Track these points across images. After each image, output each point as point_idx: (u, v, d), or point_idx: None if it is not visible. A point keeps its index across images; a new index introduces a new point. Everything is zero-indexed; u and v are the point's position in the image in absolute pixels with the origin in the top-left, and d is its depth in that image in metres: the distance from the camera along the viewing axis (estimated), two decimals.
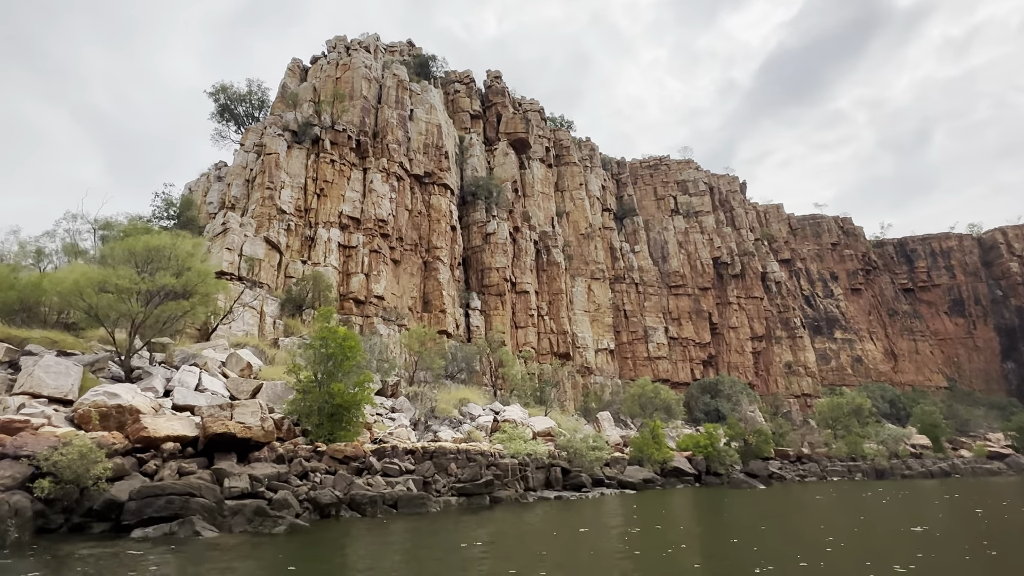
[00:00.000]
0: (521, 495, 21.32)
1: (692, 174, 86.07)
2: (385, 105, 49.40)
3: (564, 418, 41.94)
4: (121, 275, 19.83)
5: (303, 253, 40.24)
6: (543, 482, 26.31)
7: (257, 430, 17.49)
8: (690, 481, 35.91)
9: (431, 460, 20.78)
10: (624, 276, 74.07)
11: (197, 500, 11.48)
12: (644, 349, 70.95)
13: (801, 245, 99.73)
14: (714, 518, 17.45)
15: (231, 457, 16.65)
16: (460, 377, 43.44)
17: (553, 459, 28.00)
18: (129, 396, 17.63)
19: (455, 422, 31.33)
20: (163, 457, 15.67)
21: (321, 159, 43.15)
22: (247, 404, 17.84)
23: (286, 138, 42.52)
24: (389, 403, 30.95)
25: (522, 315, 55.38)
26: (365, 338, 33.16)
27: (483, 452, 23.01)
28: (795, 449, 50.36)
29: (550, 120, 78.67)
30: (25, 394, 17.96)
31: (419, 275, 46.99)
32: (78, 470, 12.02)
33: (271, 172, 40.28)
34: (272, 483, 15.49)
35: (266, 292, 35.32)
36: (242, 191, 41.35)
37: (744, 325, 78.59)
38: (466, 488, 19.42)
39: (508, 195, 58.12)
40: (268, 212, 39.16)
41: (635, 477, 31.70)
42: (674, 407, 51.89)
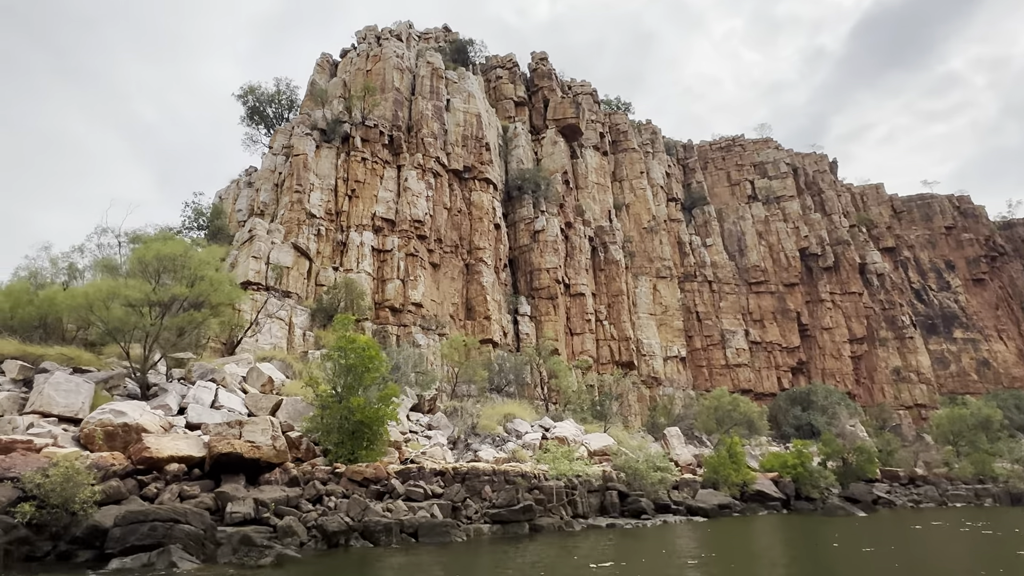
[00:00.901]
0: (566, 523, 20.31)
1: (771, 154, 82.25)
2: (419, 96, 49.80)
3: (626, 435, 40.48)
4: (131, 286, 20.42)
5: (334, 259, 40.86)
6: (597, 508, 25.18)
7: (268, 450, 17.41)
8: (776, 507, 33.73)
9: (463, 483, 20.13)
10: (695, 273, 71.47)
11: (182, 527, 11.29)
12: (721, 356, 68.10)
13: (907, 230, 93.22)
14: (808, 556, 15.85)
15: (239, 479, 16.60)
16: (508, 390, 42.84)
17: (609, 481, 26.85)
18: (136, 414, 17.99)
19: (499, 440, 30.69)
20: (166, 479, 15.78)
21: (352, 158, 43.82)
22: (257, 422, 17.83)
23: (314, 138, 43.48)
24: (425, 420, 30.72)
25: (578, 320, 54.24)
26: (400, 349, 33.12)
27: (524, 474, 22.15)
28: (907, 469, 46.68)
29: (604, 103, 77.31)
30: (35, 413, 18.69)
31: (460, 279, 46.82)
32: (64, 494, 12.11)
33: (299, 174, 41.22)
34: (280, 508, 15.28)
35: (295, 302, 35.99)
36: (271, 196, 42.53)
37: (840, 326, 74.03)
38: (500, 514, 18.64)
39: (558, 188, 57.26)
40: (297, 217, 40.04)
41: (708, 502, 29.98)
42: (757, 421, 49.24)
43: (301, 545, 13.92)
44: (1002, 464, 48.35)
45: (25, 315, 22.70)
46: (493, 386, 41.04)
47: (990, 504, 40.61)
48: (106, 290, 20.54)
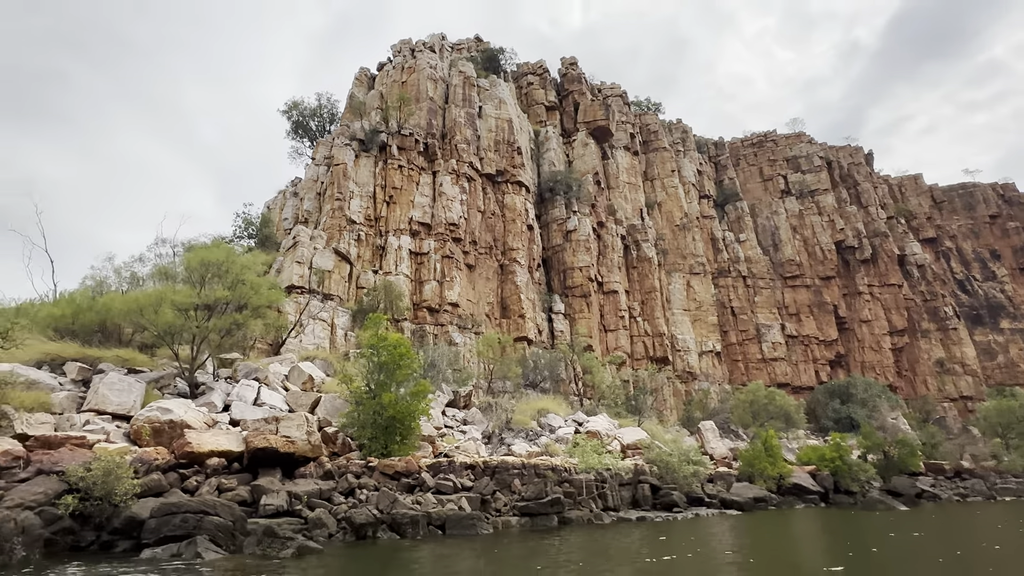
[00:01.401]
0: (596, 515, 19.70)
1: (804, 148, 79.28)
2: (452, 104, 49.82)
3: (660, 429, 39.42)
4: (178, 291, 20.82)
5: (374, 263, 41.14)
6: (628, 501, 24.48)
7: (303, 444, 17.40)
8: (814, 500, 32.26)
9: (492, 476, 19.77)
10: (729, 269, 69.38)
11: (211, 519, 11.25)
12: (757, 350, 65.86)
13: (949, 220, 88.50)
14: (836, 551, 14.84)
15: (275, 473, 16.62)
16: (543, 386, 42.30)
17: (641, 475, 26.07)
18: (181, 412, 18.27)
19: (532, 435, 30.23)
20: (207, 473, 15.91)
21: (389, 166, 44.10)
22: (292, 418, 17.87)
23: (353, 148, 43.92)
24: (461, 415, 30.49)
25: (611, 317, 53.27)
26: (436, 347, 33.03)
27: (554, 467, 21.65)
28: (952, 463, 44.13)
29: (635, 104, 75.91)
30: (92, 411, 19.20)
31: (495, 279, 46.57)
32: (106, 487, 12.26)
33: (339, 183, 41.69)
34: (312, 501, 15.21)
35: (336, 304, 36.33)
36: (314, 204, 43.17)
37: (879, 318, 70.68)
38: (529, 507, 18.19)
39: (589, 188, 56.45)
40: (338, 223, 40.48)
41: (743, 496, 28.85)
42: (794, 415, 47.29)
43: (330, 536, 13.78)
44: None
45: (85, 320, 23.42)
46: (528, 382, 40.59)
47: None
48: (155, 295, 21.01)
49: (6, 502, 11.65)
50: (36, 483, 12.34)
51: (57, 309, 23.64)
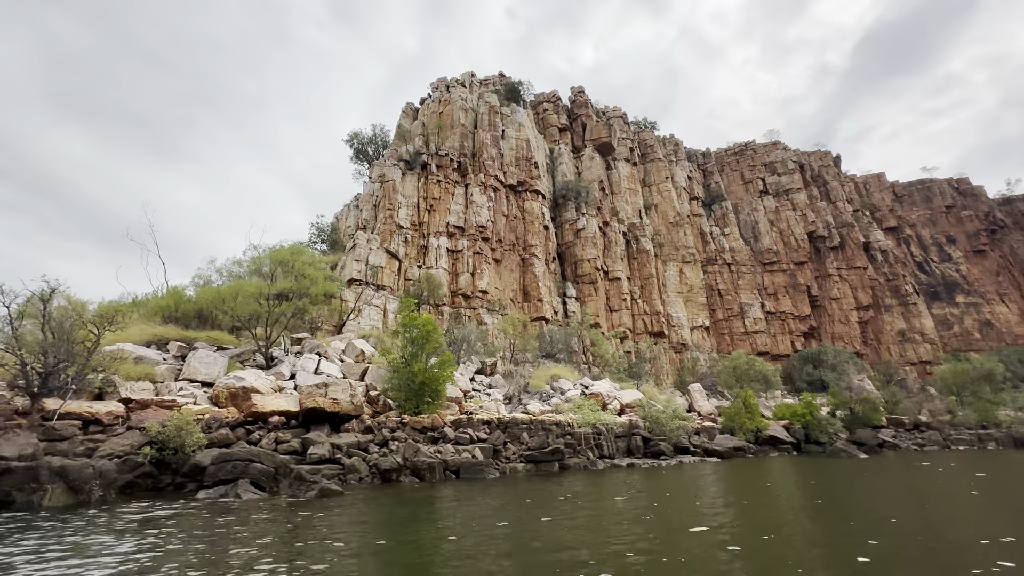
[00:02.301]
0: (591, 462, 18.93)
1: (780, 154, 75.51)
2: (480, 129, 49.08)
3: (656, 391, 38.19)
4: (251, 284, 20.86)
5: (419, 259, 40.98)
6: (624, 450, 23.61)
7: (346, 405, 17.20)
8: (787, 450, 30.69)
9: (505, 430, 19.22)
10: (716, 258, 66.82)
11: (255, 466, 11.03)
12: (741, 324, 63.34)
13: (909, 212, 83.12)
14: (780, 485, 13.75)
15: (323, 428, 16.47)
16: (558, 357, 41.46)
17: (635, 429, 25.13)
18: (252, 379, 18.28)
19: (545, 396, 29.52)
20: (269, 428, 15.85)
21: (429, 181, 43.79)
22: (339, 383, 17.66)
23: (400, 167, 43.73)
24: (487, 380, 29.99)
25: (615, 299, 51.95)
26: (466, 326, 32.62)
27: (559, 423, 20.95)
28: (911, 417, 41.42)
29: (634, 123, 73.62)
30: (186, 380, 19.44)
31: (518, 270, 45.88)
32: (179, 440, 12.21)
33: (390, 196, 41.59)
34: (351, 450, 14.96)
35: (388, 293, 36.27)
36: (371, 214, 43.21)
37: (847, 296, 67.03)
38: (533, 455, 17.56)
39: (596, 194, 55.00)
40: (389, 228, 40.42)
41: (723, 445, 27.59)
42: (771, 378, 45.24)
43: (360, 480, 13.47)
44: (1005, 412, 42.14)
45: (185, 309, 23.77)
46: (544, 354, 39.89)
47: (993, 447, 35.28)
48: (235, 287, 21.12)
49: (100, 451, 11.71)
50: (126, 436, 12.39)
51: (163, 301, 24.07)
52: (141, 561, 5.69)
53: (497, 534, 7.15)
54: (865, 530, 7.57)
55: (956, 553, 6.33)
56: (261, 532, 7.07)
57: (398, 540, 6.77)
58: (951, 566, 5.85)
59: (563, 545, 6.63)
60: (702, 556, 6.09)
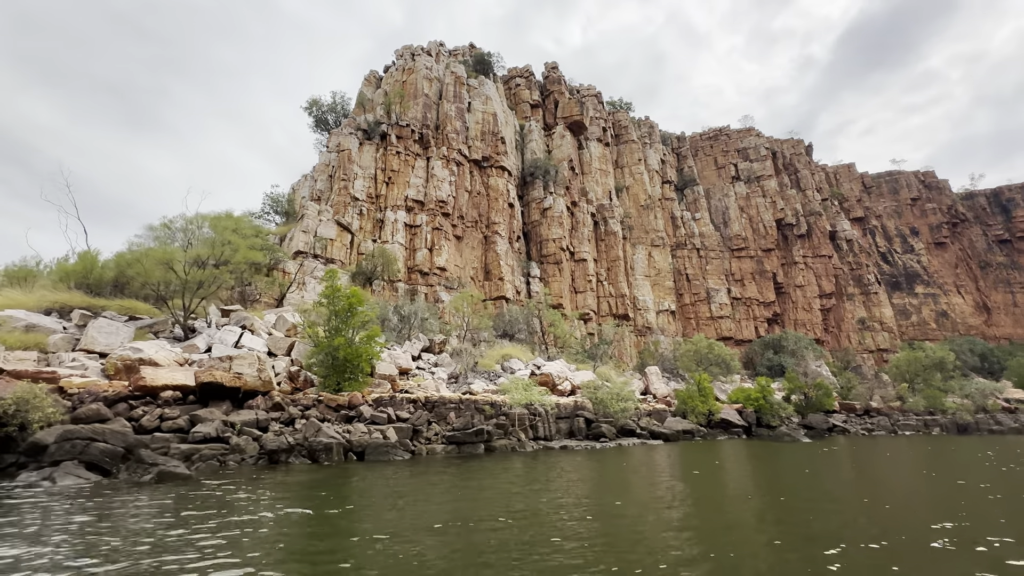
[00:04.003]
0: (520, 444, 17.90)
1: (752, 141, 74.89)
2: (444, 100, 46.93)
3: (613, 373, 37.41)
4: (162, 249, 19.03)
5: (374, 233, 39.20)
6: (566, 432, 22.66)
7: (252, 380, 15.72)
8: (738, 433, 30.23)
9: (432, 410, 18.01)
10: (685, 243, 66.27)
11: (96, 445, 9.56)
12: (707, 309, 63.19)
13: (876, 203, 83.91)
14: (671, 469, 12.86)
15: (223, 405, 15.00)
16: (518, 337, 40.41)
17: (580, 410, 24.24)
18: (152, 351, 16.64)
19: (494, 376, 28.44)
20: (158, 404, 14.32)
21: (388, 152, 41.74)
22: (245, 356, 16.13)
23: (358, 136, 41.57)
24: (434, 359, 28.77)
25: (581, 280, 50.96)
26: (413, 302, 31.15)
27: (493, 403, 19.83)
28: (863, 403, 41.72)
29: (609, 104, 71.94)
30: (82, 351, 17.68)
31: (480, 248, 44.40)
32: (20, 416, 10.62)
33: (345, 166, 39.49)
34: (244, 429, 13.56)
35: (337, 267, 34.50)
36: (326, 185, 41.06)
37: (811, 284, 67.40)
38: (456, 436, 16.42)
39: (565, 173, 53.50)
40: (344, 200, 38.44)
41: (671, 428, 26.93)
42: (731, 362, 44.97)
43: (241, 461, 12.12)
44: (953, 399, 42.79)
45: (99, 276, 21.79)
46: (502, 333, 38.75)
47: (937, 433, 35.66)
48: (144, 252, 19.25)
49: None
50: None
51: (75, 266, 22.02)
52: None
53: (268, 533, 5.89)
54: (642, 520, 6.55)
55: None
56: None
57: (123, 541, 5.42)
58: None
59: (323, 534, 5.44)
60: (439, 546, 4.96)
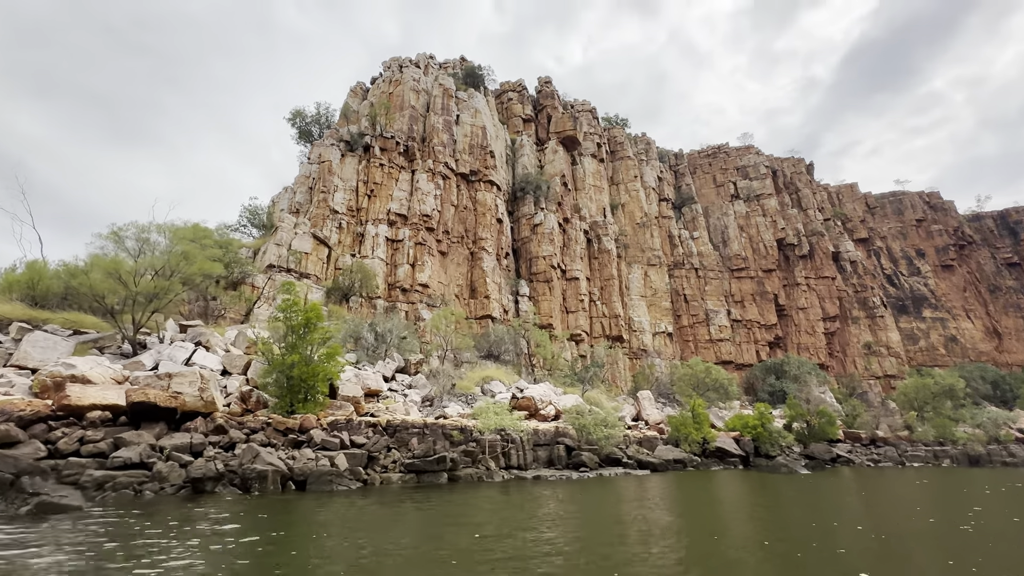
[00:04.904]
0: (488, 473, 16.92)
1: (752, 159, 75.25)
2: (432, 112, 46.99)
3: (603, 397, 36.46)
4: (108, 259, 18.34)
5: (353, 248, 38.65)
6: (544, 460, 21.67)
7: (192, 399, 14.85)
8: (735, 463, 29.18)
9: (393, 435, 17.07)
10: (683, 262, 65.83)
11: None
12: (706, 332, 62.36)
13: (880, 224, 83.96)
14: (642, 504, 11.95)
15: (156, 427, 14.09)
16: (504, 358, 39.55)
17: (560, 437, 23.26)
18: (87, 367, 15.77)
19: (472, 399, 27.49)
20: (83, 426, 13.41)
21: (371, 164, 41.51)
22: (187, 374, 15.29)
23: (340, 148, 41.41)
24: (408, 380, 27.83)
25: (572, 300, 50.27)
26: (388, 318, 30.35)
27: (462, 427, 18.89)
28: (869, 432, 40.67)
29: (604, 120, 72.48)
30: (14, 367, 16.83)
31: (465, 264, 43.81)
32: None
33: (325, 178, 39.19)
34: (173, 453, 12.63)
35: (312, 282, 33.80)
36: (305, 197, 40.67)
37: (814, 306, 66.78)
38: (415, 464, 15.46)
39: (557, 189, 53.36)
40: (322, 213, 38.01)
41: (661, 457, 25.92)
42: (729, 387, 43.99)
43: (160, 490, 11.18)
44: (964, 429, 41.73)
45: (44, 287, 21.03)
46: (486, 354, 37.88)
47: (948, 464, 34.58)
48: (91, 263, 18.53)
49: None
50: None
51: (20, 277, 21.27)
52: None
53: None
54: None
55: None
56: None
57: None
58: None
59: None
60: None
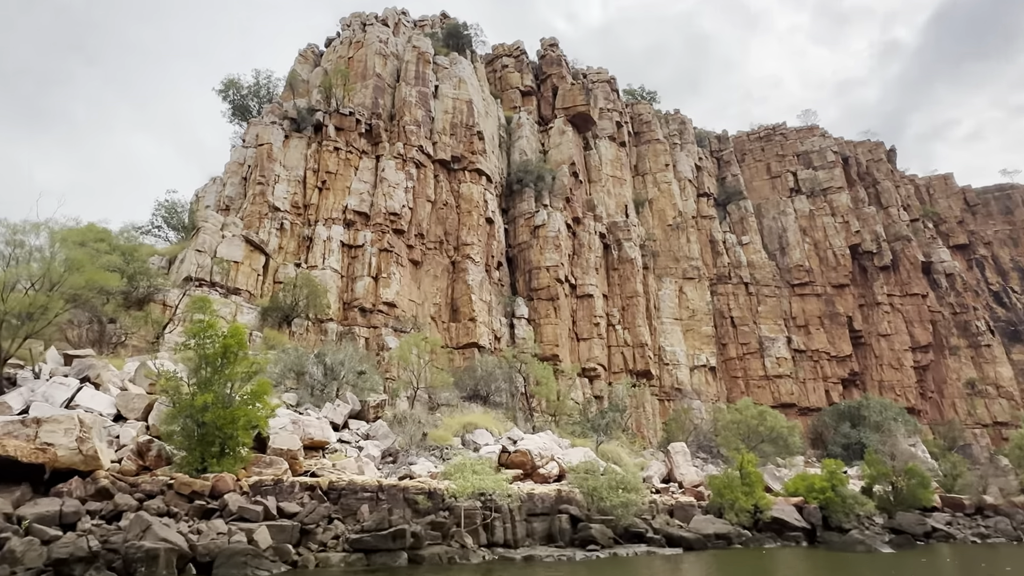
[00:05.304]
0: (461, 552, 16.37)
1: (817, 142, 75.76)
2: (403, 82, 47.40)
3: (624, 451, 35.99)
4: None
5: (299, 255, 38.59)
6: (542, 535, 21.13)
7: (67, 454, 14.42)
8: (796, 538, 28.53)
9: (337, 501, 16.59)
10: (729, 275, 65.83)
11: None
12: (760, 365, 62.02)
13: (983, 226, 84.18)
14: None
15: (18, 489, 13.63)
16: (496, 400, 39.14)
17: (564, 503, 22.75)
18: None
19: (450, 453, 27.00)
20: None
21: (324, 148, 41.71)
22: (61, 420, 14.86)
23: (284, 127, 41.62)
24: (366, 428, 27.41)
25: (585, 324, 50.04)
26: (340, 348, 30.01)
27: (431, 491, 18.41)
28: (974, 497, 40.01)
29: (627, 93, 73.18)
30: None
31: (445, 277, 43.70)
32: None
33: (263, 165, 39.28)
34: (36, 526, 12.17)
35: (244, 299, 33.56)
36: (238, 190, 40.73)
37: (900, 332, 66.55)
38: (364, 540, 14.94)
39: (564, 180, 53.52)
40: (259, 210, 38.01)
41: (699, 531, 25.39)
42: (790, 438, 43.43)
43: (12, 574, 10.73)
44: None
45: None
46: (471, 394, 37.47)
47: None
48: None
49: None
50: None
51: None
52: None
53: None
54: None
55: None
56: None
57: None
58: None
59: None
60: None
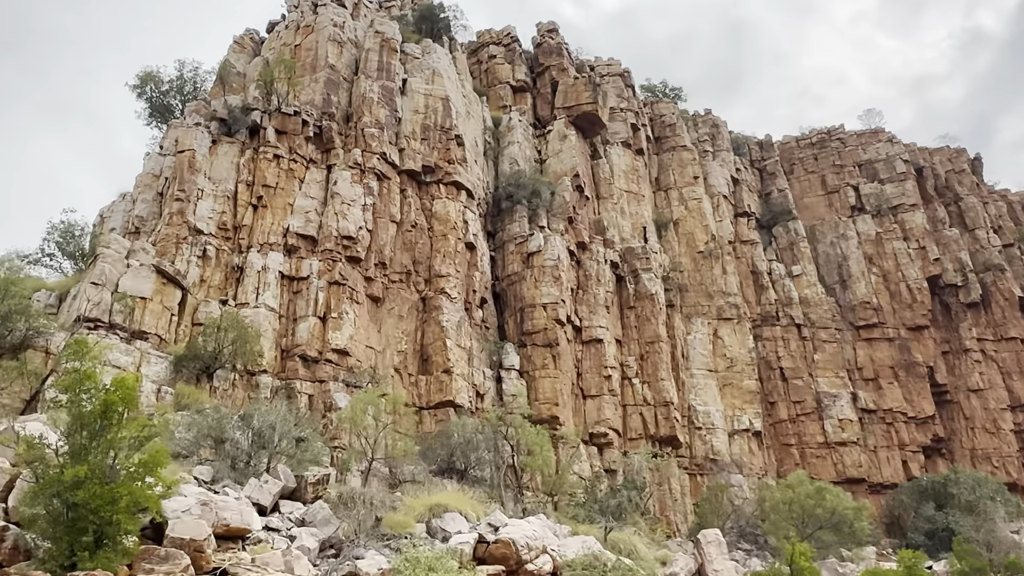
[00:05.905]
0: None
1: (883, 149, 76.67)
2: (363, 76, 48.14)
3: (640, 539, 35.22)
4: None
5: (225, 290, 38.56)
6: None
7: None
8: None
9: None
10: (777, 314, 65.81)
11: None
12: (818, 430, 61.47)
13: None
14: None
15: None
16: (475, 474, 38.68)
17: None
18: None
19: (411, 542, 26.38)
20: None
21: (261, 156, 42.07)
22: None
23: (211, 130, 42.12)
24: (301, 512, 26.82)
25: (593, 377, 49.68)
26: (273, 409, 29.57)
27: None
28: None
29: (644, 89, 74.44)
30: None
31: (413, 318, 43.56)
32: None
33: (183, 177, 39.51)
34: None
35: (152, 345, 33.27)
36: (151, 209, 40.89)
37: (996, 386, 66.26)
38: None
39: (566, 196, 53.87)
40: (176, 233, 38.07)
41: None
42: (856, 523, 42.86)
43: None
44: None
45: None
46: (444, 467, 37.03)
47: None
48: None
49: None
50: None
51: None
52: None
53: None
54: None
55: None
56: None
57: None
58: None
59: None
60: None
